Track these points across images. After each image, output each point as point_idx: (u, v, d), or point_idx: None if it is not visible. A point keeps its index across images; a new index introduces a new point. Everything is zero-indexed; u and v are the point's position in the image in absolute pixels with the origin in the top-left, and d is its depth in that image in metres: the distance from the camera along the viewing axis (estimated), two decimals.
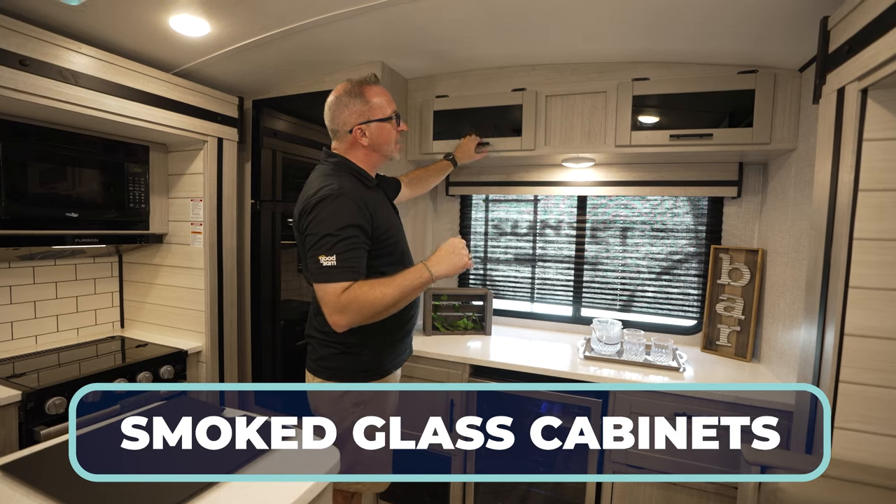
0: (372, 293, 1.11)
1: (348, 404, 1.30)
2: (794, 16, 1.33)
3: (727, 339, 1.95)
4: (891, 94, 1.04)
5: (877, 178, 1.06)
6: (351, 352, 1.30)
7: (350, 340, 1.28)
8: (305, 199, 1.21)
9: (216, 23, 1.60)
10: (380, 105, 1.30)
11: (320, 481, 0.96)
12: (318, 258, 1.12)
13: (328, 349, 1.31)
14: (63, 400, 1.52)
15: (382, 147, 1.33)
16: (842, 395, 1.11)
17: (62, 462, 0.94)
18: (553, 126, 1.90)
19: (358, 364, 1.31)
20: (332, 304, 1.11)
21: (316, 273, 1.13)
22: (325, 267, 1.12)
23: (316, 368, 1.33)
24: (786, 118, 1.60)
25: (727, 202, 2.03)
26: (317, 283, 1.15)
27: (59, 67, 1.48)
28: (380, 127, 1.30)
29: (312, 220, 1.16)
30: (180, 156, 2.11)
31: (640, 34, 1.61)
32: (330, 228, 1.13)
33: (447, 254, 1.23)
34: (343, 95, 1.29)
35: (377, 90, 1.31)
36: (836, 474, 1.04)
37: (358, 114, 1.28)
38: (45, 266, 1.97)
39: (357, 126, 1.28)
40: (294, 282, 2.19)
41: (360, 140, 1.29)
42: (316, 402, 1.35)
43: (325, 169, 1.28)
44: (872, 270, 1.07)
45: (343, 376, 1.31)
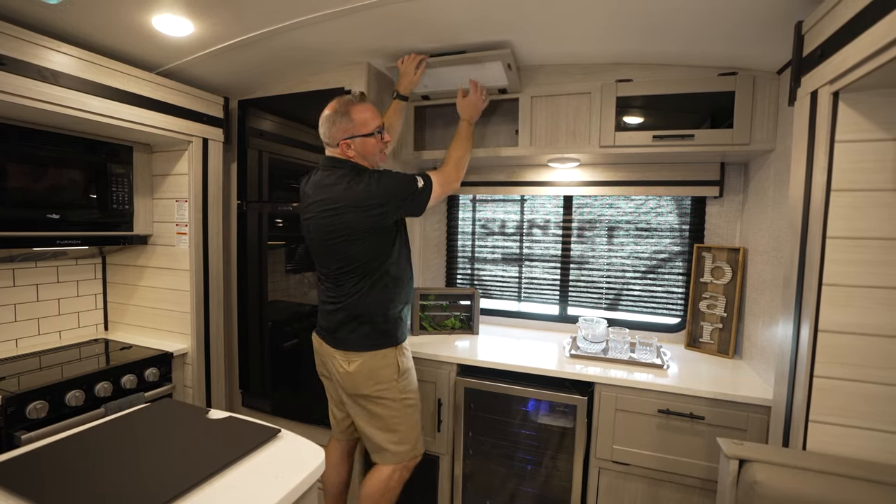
0: (460, 151, 1.68)
1: (396, 374, 1.55)
2: (772, 19, 1.36)
3: (710, 336, 1.98)
4: (861, 98, 1.07)
5: (848, 178, 1.09)
6: (384, 326, 1.55)
7: (379, 319, 1.53)
8: (356, 195, 1.43)
9: (200, 23, 1.58)
10: (363, 121, 1.50)
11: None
12: (417, 188, 1.49)
13: (369, 325, 1.53)
14: (44, 404, 1.50)
15: (368, 157, 1.54)
16: (816, 389, 1.14)
17: (43, 466, 0.94)
18: (539, 127, 1.92)
19: (392, 335, 1.56)
20: (447, 181, 1.59)
21: (424, 195, 1.51)
22: (423, 185, 1.51)
23: (365, 344, 1.53)
24: (765, 119, 1.63)
25: (709, 202, 2.07)
26: (432, 196, 1.53)
27: (39, 67, 1.45)
28: (364, 141, 1.51)
29: (390, 194, 1.45)
30: (165, 156, 2.09)
31: (625, 37, 1.63)
32: (402, 177, 1.50)
33: (471, 104, 1.78)
34: (332, 114, 1.51)
35: (361, 108, 1.51)
36: (814, 467, 1.06)
37: (343, 130, 1.49)
38: (26, 268, 1.94)
39: (343, 141, 1.49)
40: (281, 283, 2.18)
41: (346, 152, 1.51)
42: (363, 379, 1.52)
43: (346, 173, 1.48)
44: (845, 268, 1.10)
45: (386, 345, 1.55)
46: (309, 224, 1.56)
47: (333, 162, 1.53)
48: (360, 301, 1.51)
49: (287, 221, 2.13)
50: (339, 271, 1.51)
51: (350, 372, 1.52)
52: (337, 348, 1.55)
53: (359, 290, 1.51)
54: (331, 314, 1.56)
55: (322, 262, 1.57)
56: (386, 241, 1.52)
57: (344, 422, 1.72)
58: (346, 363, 1.53)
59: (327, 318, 1.58)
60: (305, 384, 2.11)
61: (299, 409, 2.14)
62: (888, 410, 1.08)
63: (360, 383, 1.52)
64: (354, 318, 1.52)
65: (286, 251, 2.17)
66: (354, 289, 1.51)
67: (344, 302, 1.52)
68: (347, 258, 1.48)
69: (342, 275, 1.51)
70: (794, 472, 1.06)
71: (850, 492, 1.01)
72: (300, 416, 2.14)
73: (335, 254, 1.50)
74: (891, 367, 1.08)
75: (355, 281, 1.51)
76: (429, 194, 1.52)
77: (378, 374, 1.52)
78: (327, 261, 1.54)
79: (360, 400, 1.55)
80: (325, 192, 1.49)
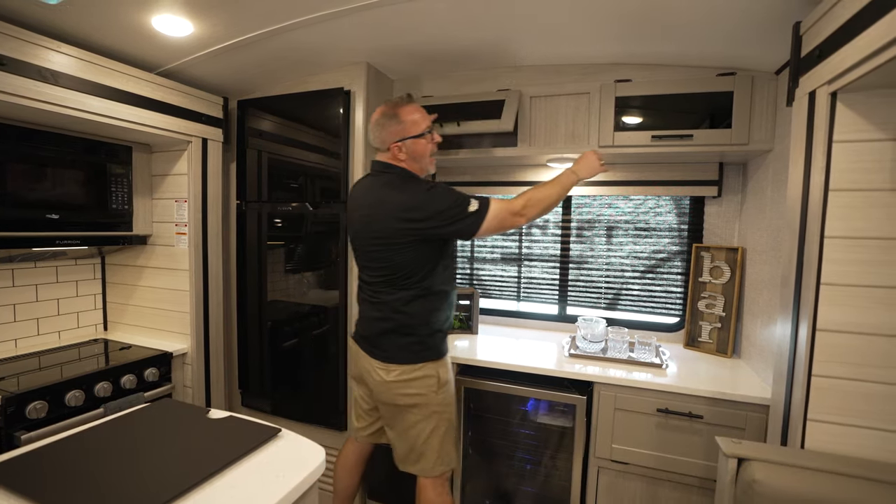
0: (542, 192, 1.48)
1: (436, 386, 1.51)
2: (771, 20, 1.36)
3: (709, 335, 1.99)
4: (858, 98, 1.07)
5: (846, 178, 1.10)
6: (428, 339, 1.51)
7: (422, 331, 1.49)
8: (402, 204, 1.40)
9: (199, 23, 1.59)
10: (413, 122, 1.48)
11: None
12: (466, 211, 1.38)
13: (412, 336, 1.48)
14: (44, 404, 1.50)
15: (419, 160, 1.52)
16: (815, 388, 1.14)
17: (43, 466, 0.94)
18: (537, 127, 1.92)
19: (435, 348, 1.53)
20: (507, 214, 1.43)
21: (474, 219, 1.39)
22: (476, 209, 1.39)
23: (407, 356, 1.48)
24: (763, 119, 1.64)
25: (708, 201, 2.07)
26: (485, 223, 1.40)
27: (38, 67, 1.45)
28: (414, 143, 1.48)
29: (435, 209, 1.38)
30: (164, 156, 2.09)
31: (623, 37, 1.63)
32: (453, 196, 1.41)
33: (588, 162, 1.58)
34: (380, 118, 1.49)
35: (410, 108, 1.49)
36: (812, 465, 1.07)
37: (394, 133, 1.47)
38: (25, 268, 1.94)
39: (394, 143, 1.47)
40: (281, 282, 2.18)
41: (398, 155, 1.48)
42: (401, 390, 1.48)
43: (394, 179, 1.47)
44: (843, 268, 1.11)
45: (429, 358, 1.51)
46: (355, 228, 1.54)
47: (383, 167, 1.51)
48: (403, 311, 1.47)
49: (286, 221, 2.13)
50: (382, 278, 1.48)
51: (387, 381, 1.48)
52: (377, 357, 1.51)
53: (402, 300, 1.46)
54: (372, 322, 1.53)
55: (365, 269, 1.54)
56: (431, 253, 1.47)
57: (369, 427, 1.69)
58: (384, 372, 1.48)
59: (368, 326, 1.55)
60: (305, 384, 2.12)
61: (299, 408, 2.14)
62: (886, 409, 1.09)
63: (396, 395, 1.48)
64: (397, 329, 1.48)
65: (285, 251, 2.17)
66: (397, 298, 1.47)
67: (386, 311, 1.49)
68: (391, 266, 1.45)
69: (385, 282, 1.48)
70: (793, 471, 1.07)
71: (849, 490, 1.02)
72: (300, 416, 2.14)
73: (379, 261, 1.47)
74: (889, 365, 1.08)
75: (398, 290, 1.47)
76: (481, 221, 1.39)
77: (416, 385, 1.48)
78: (370, 267, 1.51)
79: (395, 409, 1.51)
80: (373, 197, 1.47)
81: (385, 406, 1.54)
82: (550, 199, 1.50)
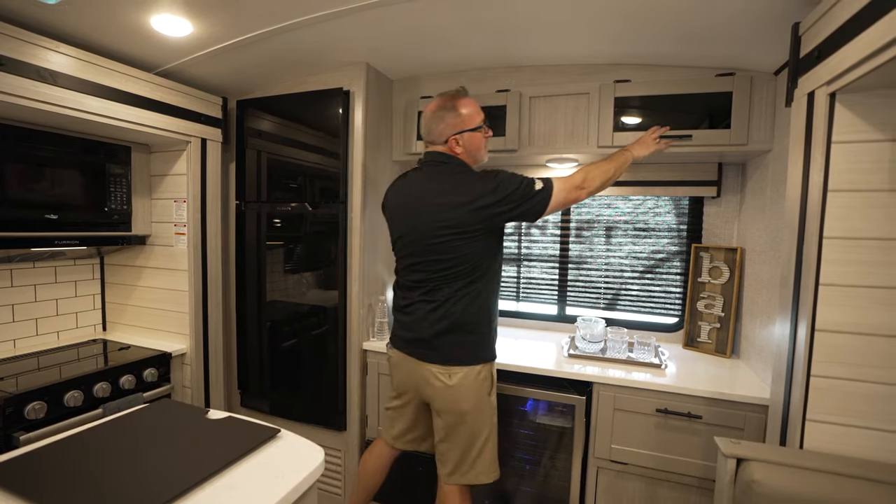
0: (599, 168, 1.48)
1: (490, 387, 1.49)
2: (770, 20, 1.37)
3: (708, 335, 1.99)
4: (857, 99, 1.07)
5: (845, 178, 1.10)
6: (488, 338, 1.50)
7: (483, 328, 1.47)
8: (472, 192, 1.37)
9: (199, 23, 1.58)
10: (470, 115, 1.47)
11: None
12: (534, 190, 1.38)
13: (474, 335, 1.46)
14: (43, 405, 1.50)
15: (474, 153, 1.50)
16: (814, 388, 1.14)
17: (42, 467, 0.94)
18: (537, 127, 1.92)
19: (492, 348, 1.52)
20: (571, 188, 1.43)
21: (542, 196, 1.39)
22: (542, 187, 1.39)
23: (469, 356, 1.45)
24: (762, 120, 1.64)
25: (707, 202, 2.08)
26: (552, 200, 1.40)
27: (37, 67, 1.45)
28: (471, 136, 1.47)
29: (504, 192, 1.36)
30: (163, 156, 2.09)
31: (623, 36, 1.63)
32: (517, 178, 1.40)
33: (643, 140, 1.61)
34: (438, 110, 1.47)
35: (467, 101, 1.48)
36: (811, 466, 1.07)
37: (452, 126, 1.46)
38: (24, 268, 1.94)
39: (452, 137, 1.46)
40: (280, 283, 2.18)
41: (454, 149, 1.47)
42: (465, 393, 1.44)
43: (458, 169, 1.46)
44: (842, 268, 1.11)
45: (486, 358, 1.49)
46: (408, 225, 1.48)
47: (442, 157, 1.48)
48: (468, 308, 1.43)
49: (285, 221, 2.13)
50: (443, 273, 1.43)
51: (451, 386, 1.42)
52: (435, 361, 1.44)
53: (466, 295, 1.42)
54: (429, 323, 1.45)
55: (417, 267, 1.48)
56: (494, 245, 1.46)
57: (410, 433, 1.63)
58: (446, 377, 1.42)
59: (421, 327, 1.47)
60: (304, 384, 2.12)
61: (298, 409, 2.14)
62: (885, 409, 1.09)
63: (461, 398, 1.42)
64: (460, 326, 1.43)
65: (284, 251, 2.17)
66: (459, 293, 1.42)
67: (447, 307, 1.43)
68: (458, 258, 1.41)
69: (447, 277, 1.43)
70: (792, 471, 1.07)
71: (848, 490, 1.02)
72: (299, 417, 2.14)
73: (444, 253, 1.41)
74: (888, 366, 1.08)
75: (461, 285, 1.42)
76: (548, 199, 1.39)
77: (477, 388, 1.44)
78: (427, 263, 1.45)
79: (457, 416, 1.44)
80: (434, 189, 1.43)
81: (447, 414, 1.45)
82: (608, 174, 1.49)
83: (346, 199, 1.98)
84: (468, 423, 1.44)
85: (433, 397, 1.47)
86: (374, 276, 2.11)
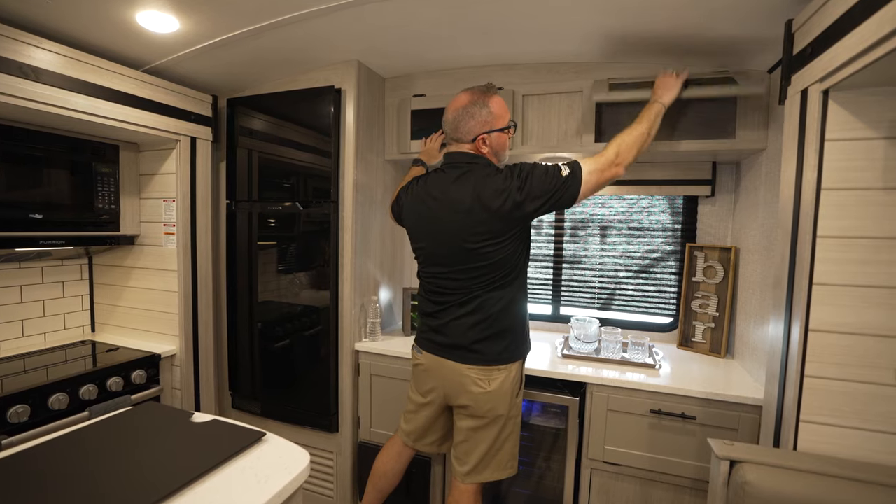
0: (631, 134, 1.39)
1: (518, 389, 1.47)
2: (763, 18, 1.36)
3: (702, 335, 1.98)
4: (850, 96, 1.06)
5: (839, 177, 1.09)
6: (523, 333, 1.48)
7: (519, 328, 1.45)
8: (509, 192, 1.32)
9: (186, 19, 1.56)
10: (500, 114, 1.41)
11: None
12: (562, 177, 1.32)
13: (511, 334, 1.43)
14: (26, 408, 1.47)
15: (499, 154, 1.45)
16: (807, 389, 1.13)
17: (23, 471, 0.91)
18: (531, 125, 1.90)
19: (527, 345, 1.51)
20: (604, 166, 1.35)
21: (572, 182, 1.32)
22: (570, 172, 1.33)
23: (506, 357, 1.43)
24: (756, 118, 1.63)
25: (702, 201, 2.07)
26: (583, 183, 1.32)
27: (19, 63, 1.42)
28: (499, 136, 1.43)
29: (539, 183, 1.31)
30: (152, 155, 2.06)
31: (615, 35, 1.62)
32: (541, 168, 1.34)
33: (665, 85, 1.50)
34: (469, 106, 1.40)
35: (498, 99, 1.42)
36: (804, 467, 1.06)
37: (482, 123, 1.39)
38: (9, 269, 1.91)
39: (480, 135, 1.39)
40: (272, 283, 2.15)
41: (481, 148, 1.41)
42: (502, 398, 1.41)
43: (489, 171, 1.38)
44: (835, 267, 1.10)
45: (519, 357, 1.47)
46: (436, 231, 1.43)
47: (469, 157, 1.41)
48: (506, 309, 1.40)
49: (277, 221, 2.10)
50: (479, 280, 1.39)
51: (491, 391, 1.38)
52: (475, 364, 1.40)
53: (502, 299, 1.39)
54: (467, 328, 1.41)
55: (454, 272, 1.42)
56: (526, 243, 1.43)
57: (431, 436, 1.60)
58: (485, 381, 1.39)
59: (456, 333, 1.43)
60: (296, 386, 2.09)
61: (290, 410, 2.12)
62: (879, 410, 1.08)
63: (499, 403, 1.39)
64: (500, 329, 1.40)
65: (276, 251, 2.14)
66: (494, 298, 1.39)
67: (484, 311, 1.39)
68: (490, 265, 1.36)
69: (481, 284, 1.39)
70: (785, 473, 1.06)
71: (841, 492, 1.01)
72: (291, 418, 2.12)
73: (476, 261, 1.37)
74: (881, 366, 1.07)
75: (496, 288, 1.39)
76: (579, 182, 1.32)
77: (508, 387, 1.41)
78: (462, 269, 1.40)
79: (489, 421, 1.40)
80: (465, 191, 1.36)
81: (480, 418, 1.41)
82: (643, 137, 1.39)
83: (337, 199, 1.96)
84: (498, 426, 1.42)
85: (468, 402, 1.42)
86: (366, 277, 2.09)
